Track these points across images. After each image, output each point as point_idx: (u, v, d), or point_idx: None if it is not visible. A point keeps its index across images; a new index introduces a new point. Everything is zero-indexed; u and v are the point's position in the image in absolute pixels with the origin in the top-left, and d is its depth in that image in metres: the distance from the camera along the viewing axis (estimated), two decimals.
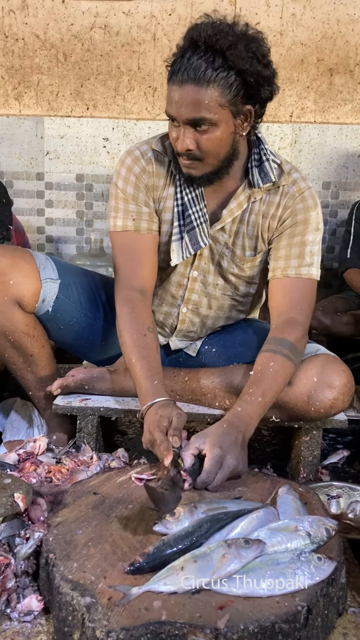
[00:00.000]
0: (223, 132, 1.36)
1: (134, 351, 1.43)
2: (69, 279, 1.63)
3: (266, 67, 1.36)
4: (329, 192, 3.10)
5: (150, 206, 1.54)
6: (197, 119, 1.33)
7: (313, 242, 1.51)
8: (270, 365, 1.38)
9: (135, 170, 1.52)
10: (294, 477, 1.64)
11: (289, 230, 1.51)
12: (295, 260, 1.50)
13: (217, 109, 1.33)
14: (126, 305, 1.49)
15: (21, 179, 3.11)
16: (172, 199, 1.53)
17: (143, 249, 1.53)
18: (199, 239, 1.50)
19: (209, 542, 1.05)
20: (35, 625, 1.04)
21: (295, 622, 0.93)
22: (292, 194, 1.51)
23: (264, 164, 1.48)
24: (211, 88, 1.31)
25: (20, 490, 1.19)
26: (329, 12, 2.97)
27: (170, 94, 1.35)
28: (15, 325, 1.56)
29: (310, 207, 1.51)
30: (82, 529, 1.13)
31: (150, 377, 1.39)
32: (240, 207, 1.52)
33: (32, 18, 3.01)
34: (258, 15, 2.99)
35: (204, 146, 1.37)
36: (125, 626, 0.90)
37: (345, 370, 1.47)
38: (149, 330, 1.47)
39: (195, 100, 1.31)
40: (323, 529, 1.07)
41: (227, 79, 1.31)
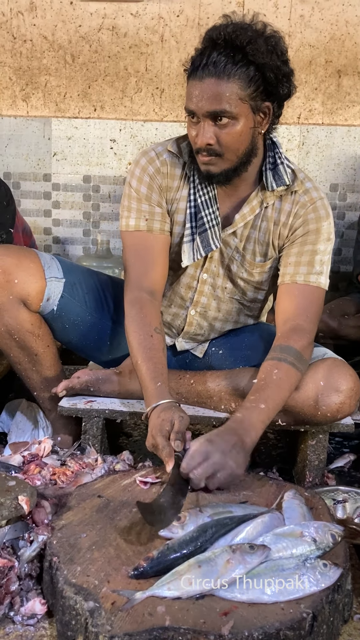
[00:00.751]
0: (243, 127, 1.37)
1: (140, 352, 1.43)
2: (74, 278, 1.63)
3: (285, 63, 1.39)
4: (336, 195, 3.08)
5: (163, 207, 1.54)
6: (217, 112, 1.34)
7: (324, 252, 1.50)
8: (274, 373, 1.37)
9: (150, 171, 1.53)
10: (300, 481, 1.62)
11: (301, 239, 1.51)
12: (304, 268, 1.49)
13: (237, 102, 1.34)
14: (135, 306, 1.49)
15: (28, 180, 3.11)
16: (185, 200, 1.53)
17: (155, 249, 1.53)
18: (211, 241, 1.50)
19: (213, 547, 1.04)
20: (39, 629, 1.04)
21: (300, 629, 0.92)
22: (304, 203, 1.50)
23: (278, 167, 1.48)
24: (232, 81, 1.33)
25: (25, 492, 1.18)
26: (337, 14, 2.96)
27: (190, 90, 1.37)
28: (21, 324, 1.56)
29: (322, 217, 1.50)
30: (86, 532, 1.13)
31: (154, 379, 1.39)
32: (253, 212, 1.51)
33: (40, 19, 3.01)
34: (266, 17, 2.94)
35: (223, 140, 1.37)
36: (129, 631, 0.89)
37: (353, 374, 1.46)
38: (156, 331, 1.47)
39: (216, 93, 1.33)
40: (329, 535, 1.06)
41: (247, 73, 1.33)
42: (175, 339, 1.70)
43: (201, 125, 1.37)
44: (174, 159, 1.53)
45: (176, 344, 1.69)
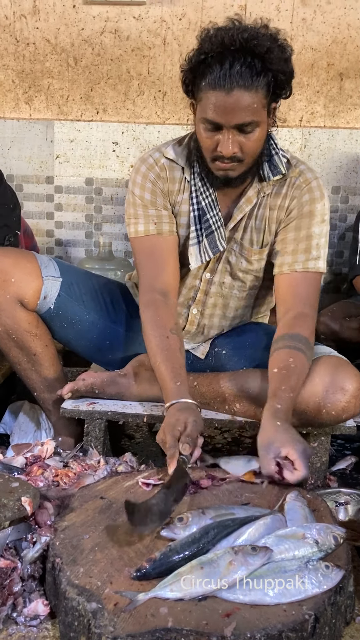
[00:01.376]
0: (262, 132, 1.42)
1: (157, 353, 1.46)
2: (71, 278, 1.65)
3: (291, 67, 1.43)
4: (338, 197, 3.09)
5: (169, 209, 1.58)
6: (247, 123, 1.37)
7: (320, 235, 1.53)
8: (291, 361, 1.40)
9: (151, 177, 1.57)
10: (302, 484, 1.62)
11: (295, 223, 1.53)
12: (302, 255, 1.52)
13: (261, 110, 1.39)
14: (149, 308, 1.52)
15: (31, 183, 3.12)
16: (187, 203, 1.56)
17: (166, 251, 1.57)
18: (218, 242, 1.54)
19: (215, 548, 1.04)
20: (41, 630, 1.04)
21: (303, 631, 0.92)
22: (299, 185, 1.53)
23: (273, 157, 1.52)
24: (258, 92, 1.36)
25: (28, 494, 1.19)
26: (339, 17, 2.97)
27: (214, 101, 1.36)
28: (18, 324, 1.58)
29: (317, 199, 1.53)
30: (89, 534, 1.13)
31: (173, 378, 1.41)
32: (250, 203, 1.55)
33: (43, 23, 3.02)
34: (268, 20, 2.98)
35: (247, 148, 1.41)
36: (131, 632, 0.90)
37: (358, 374, 1.47)
38: (172, 332, 1.49)
39: (246, 105, 1.35)
40: (331, 537, 1.06)
41: (267, 81, 1.37)
42: None
43: (225, 135, 1.38)
44: (172, 164, 1.56)
45: None
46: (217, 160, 1.43)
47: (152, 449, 1.92)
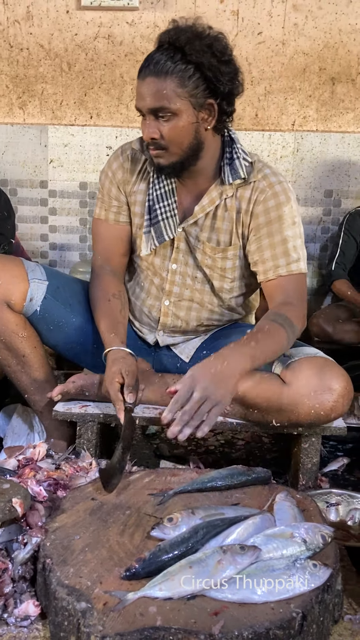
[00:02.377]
0: (184, 122, 1.45)
1: (99, 313, 1.62)
2: (57, 282, 1.69)
3: (225, 63, 1.45)
4: (331, 200, 3.11)
5: (121, 200, 1.68)
6: (157, 108, 1.44)
7: (294, 237, 1.56)
8: (266, 328, 1.44)
9: (113, 167, 1.68)
10: (294, 485, 1.63)
11: (266, 230, 1.56)
12: (282, 259, 1.54)
13: (175, 99, 1.43)
14: (95, 279, 1.69)
15: (25, 187, 3.13)
16: (143, 194, 1.64)
17: (112, 237, 1.70)
18: (164, 231, 1.60)
19: (204, 548, 1.05)
20: (32, 630, 1.05)
21: (290, 628, 0.93)
22: (263, 189, 1.56)
23: (234, 162, 1.56)
24: (169, 79, 1.41)
25: (18, 495, 1.19)
26: (330, 22, 3.00)
27: (137, 89, 1.47)
28: (6, 325, 1.60)
29: (283, 203, 1.55)
30: (80, 535, 1.14)
31: (108, 331, 1.57)
32: (213, 203, 1.59)
33: (37, 28, 3.04)
34: (260, 25, 3.01)
35: (166, 134, 1.46)
36: (120, 631, 0.90)
37: (344, 374, 1.48)
38: (114, 297, 1.65)
39: (155, 90, 1.42)
40: (319, 536, 1.07)
41: (186, 72, 1.41)
42: (156, 333, 1.73)
43: (146, 121, 1.47)
44: (136, 154, 1.65)
45: (157, 339, 1.73)
46: (149, 147, 1.52)
47: (145, 451, 1.93)
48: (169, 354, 1.74)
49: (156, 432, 2.08)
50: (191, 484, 1.28)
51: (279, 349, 1.46)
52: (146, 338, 1.76)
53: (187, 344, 1.74)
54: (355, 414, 2.09)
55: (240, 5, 2.99)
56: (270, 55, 3.04)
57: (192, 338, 1.74)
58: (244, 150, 1.58)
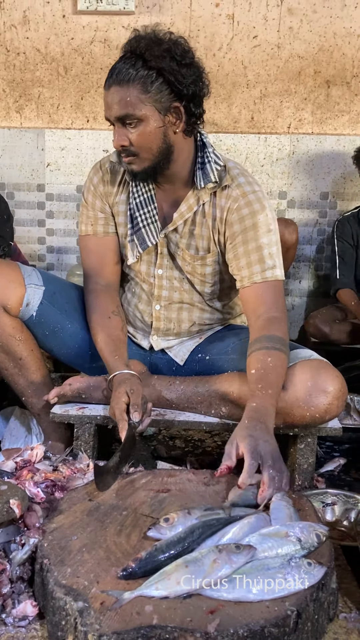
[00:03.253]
0: (151, 127, 1.47)
1: (99, 332, 1.62)
2: (54, 287, 1.70)
3: (186, 66, 1.46)
4: (327, 203, 3.12)
5: (106, 211, 1.70)
6: (123, 115, 1.46)
7: (269, 244, 1.56)
8: (269, 361, 1.43)
9: (94, 181, 1.69)
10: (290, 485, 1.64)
11: (241, 238, 1.57)
12: (257, 266, 1.55)
13: (140, 105, 1.45)
14: (91, 295, 1.69)
15: (22, 191, 3.14)
16: (125, 203, 1.66)
17: (102, 249, 1.71)
18: (146, 238, 1.62)
19: (200, 547, 1.06)
20: (30, 630, 1.06)
21: (285, 626, 0.94)
22: (236, 197, 1.57)
23: (205, 166, 1.57)
24: (132, 86, 1.44)
25: (16, 496, 1.20)
26: (325, 25, 3.02)
27: (103, 100, 1.50)
28: (3, 329, 1.61)
29: (257, 211, 1.56)
30: (77, 535, 1.15)
31: (111, 353, 1.57)
32: (191, 210, 1.60)
33: (33, 32, 3.06)
34: (256, 29, 3.03)
35: (134, 141, 1.48)
36: (117, 630, 0.91)
37: (339, 375, 1.49)
38: (113, 314, 1.66)
39: (119, 98, 1.45)
40: (314, 535, 1.08)
41: (147, 78, 1.44)
42: (150, 337, 1.74)
43: (115, 129, 1.50)
44: (115, 167, 1.66)
45: (152, 343, 1.74)
46: (121, 156, 1.54)
47: (143, 452, 1.93)
48: (164, 357, 1.76)
49: (153, 434, 2.09)
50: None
51: (284, 372, 1.46)
52: (140, 343, 1.78)
53: (181, 347, 1.75)
54: (352, 414, 2.10)
55: (236, 9, 3.01)
56: (266, 58, 3.06)
57: (186, 340, 1.75)
58: (216, 154, 1.60)
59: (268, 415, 1.34)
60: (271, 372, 1.41)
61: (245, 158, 3.08)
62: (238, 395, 1.53)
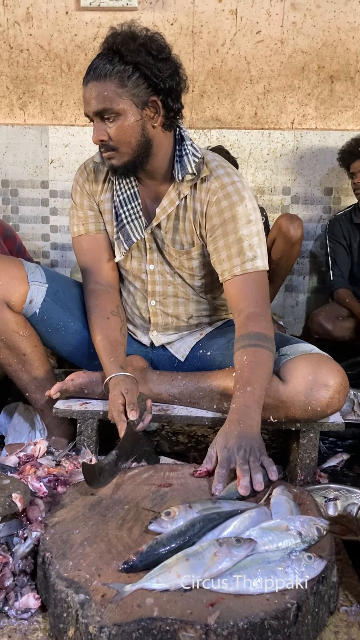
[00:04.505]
0: (129, 121, 1.48)
1: (97, 333, 1.62)
2: (57, 285, 1.70)
3: (162, 60, 1.47)
4: (330, 198, 3.12)
5: (95, 209, 1.70)
6: (101, 110, 1.47)
7: (249, 235, 1.56)
8: (245, 359, 1.44)
9: (80, 181, 1.71)
10: (292, 480, 1.65)
11: (221, 230, 1.57)
12: (237, 259, 1.55)
13: (117, 99, 1.46)
14: (91, 296, 1.68)
15: (26, 187, 3.15)
16: (110, 201, 1.67)
17: (97, 247, 1.71)
18: (131, 234, 1.63)
19: (201, 541, 1.06)
20: (32, 623, 1.06)
21: (285, 619, 0.94)
22: (215, 190, 1.57)
23: (183, 158, 1.57)
24: (109, 81, 1.45)
25: (18, 490, 1.21)
26: (329, 20, 3.01)
27: (82, 96, 1.51)
28: (6, 325, 1.61)
29: (236, 203, 1.56)
30: (79, 529, 1.15)
31: (108, 355, 1.57)
32: (173, 204, 1.60)
33: (37, 29, 3.06)
34: (259, 24, 3.02)
35: (113, 135, 1.49)
36: (118, 622, 0.92)
37: (340, 369, 1.49)
38: (112, 314, 1.65)
39: (97, 93, 1.46)
40: (314, 529, 1.08)
41: (124, 72, 1.45)
42: (150, 334, 1.75)
43: (94, 125, 1.50)
44: (98, 167, 1.68)
45: (152, 339, 1.75)
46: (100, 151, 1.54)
47: (146, 448, 1.94)
48: (165, 353, 1.76)
49: (156, 430, 2.09)
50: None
51: (269, 371, 1.46)
52: (141, 340, 1.78)
53: (182, 342, 1.75)
54: (355, 410, 2.10)
55: (239, 4, 3.00)
56: (269, 54, 3.05)
57: (186, 335, 1.76)
58: (194, 147, 1.60)
59: (248, 413, 1.35)
60: (247, 369, 1.42)
61: (249, 154, 3.08)
62: None
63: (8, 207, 3.16)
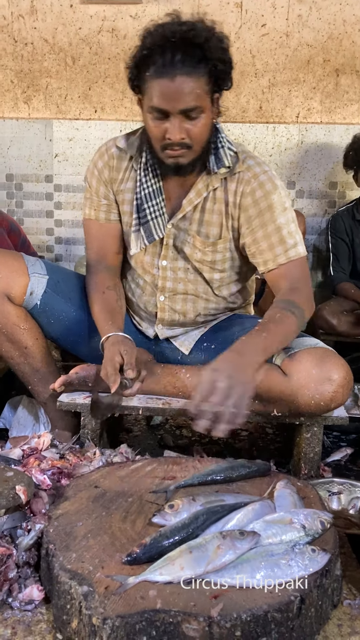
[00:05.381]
0: (207, 118, 1.46)
1: (95, 304, 1.63)
2: (58, 276, 1.70)
3: (229, 60, 1.48)
4: (335, 192, 3.11)
5: (110, 198, 1.68)
6: (191, 108, 1.41)
7: (287, 223, 1.56)
8: (277, 316, 1.45)
9: (99, 165, 1.67)
10: (296, 474, 1.65)
11: (258, 221, 1.56)
12: (279, 248, 1.55)
13: (204, 96, 1.43)
14: (90, 276, 1.70)
15: (30, 182, 3.15)
16: (131, 192, 1.64)
17: (104, 235, 1.70)
18: (153, 231, 1.61)
19: (205, 533, 1.06)
20: (36, 614, 1.07)
21: (288, 611, 0.94)
22: (248, 180, 1.56)
23: (219, 150, 1.55)
24: (200, 78, 1.41)
25: (22, 483, 1.21)
26: (335, 13, 2.99)
27: (159, 88, 1.40)
28: (7, 318, 1.62)
29: (270, 192, 1.56)
30: (82, 521, 1.15)
31: (106, 320, 1.58)
32: (200, 195, 1.59)
33: (41, 22, 3.05)
34: (264, 17, 3.00)
35: (194, 134, 1.45)
36: (121, 614, 0.92)
37: (344, 364, 1.49)
38: (108, 289, 1.66)
39: (189, 91, 1.40)
40: (318, 522, 1.08)
41: (208, 69, 1.42)
42: (155, 326, 1.74)
43: (172, 122, 1.42)
44: (121, 153, 1.64)
45: (157, 332, 1.74)
46: (167, 148, 1.47)
47: (150, 442, 1.95)
48: (170, 346, 1.76)
49: (160, 423, 2.09)
50: (192, 478, 1.29)
51: (289, 336, 1.47)
52: (146, 332, 1.78)
53: (186, 336, 1.75)
54: (359, 404, 2.10)
55: None
56: (274, 47, 3.03)
57: (191, 330, 1.75)
58: (229, 140, 1.59)
59: (252, 351, 1.35)
60: (273, 321, 1.43)
61: (254, 148, 3.07)
62: None
63: (12, 201, 3.16)
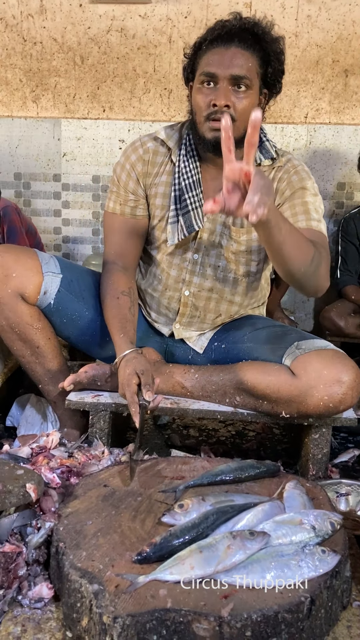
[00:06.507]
0: (253, 100, 1.51)
1: (108, 310, 1.62)
2: (71, 275, 1.70)
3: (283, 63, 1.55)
4: (343, 193, 3.10)
5: (138, 194, 1.68)
6: (240, 76, 1.47)
7: (314, 203, 1.59)
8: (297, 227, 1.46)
9: (132, 159, 1.67)
10: (304, 475, 1.65)
11: (289, 193, 1.60)
12: (302, 216, 1.56)
13: (253, 74, 1.49)
14: (106, 275, 1.68)
15: (38, 180, 3.15)
16: (167, 185, 1.64)
17: (127, 231, 1.69)
18: (194, 221, 1.60)
19: (214, 533, 1.06)
20: (46, 612, 1.07)
21: (299, 612, 0.94)
22: (287, 169, 1.62)
23: (264, 143, 1.62)
24: (253, 56, 1.49)
25: (32, 481, 1.22)
26: (344, 14, 2.98)
27: (213, 56, 1.48)
28: (20, 317, 1.62)
29: (306, 178, 1.61)
30: (92, 520, 1.16)
31: (119, 331, 1.57)
32: None
33: (50, 22, 3.06)
34: (273, 17, 2.98)
35: (239, 106, 1.49)
36: (131, 612, 0.92)
37: (354, 366, 1.48)
38: (123, 294, 1.64)
39: (242, 61, 1.47)
40: (328, 523, 1.08)
41: (262, 56, 1.50)
42: (172, 325, 1.74)
43: (220, 88, 1.48)
44: (159, 146, 1.65)
45: (174, 331, 1.74)
46: (211, 118, 1.50)
47: (157, 441, 1.95)
48: (182, 346, 1.76)
49: (168, 423, 2.09)
50: (201, 477, 1.29)
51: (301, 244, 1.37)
52: (161, 329, 1.77)
53: (201, 336, 1.75)
54: None
55: None
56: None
57: (205, 332, 1.75)
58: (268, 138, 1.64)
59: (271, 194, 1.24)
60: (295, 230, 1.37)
61: None
62: (252, 384, 1.53)
63: (20, 200, 3.17)
